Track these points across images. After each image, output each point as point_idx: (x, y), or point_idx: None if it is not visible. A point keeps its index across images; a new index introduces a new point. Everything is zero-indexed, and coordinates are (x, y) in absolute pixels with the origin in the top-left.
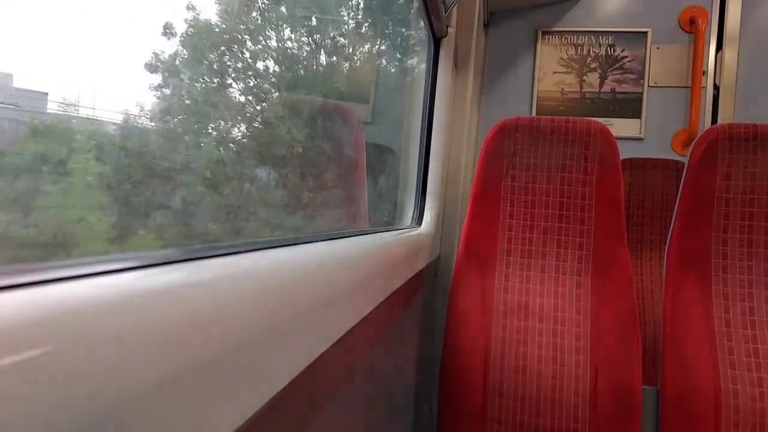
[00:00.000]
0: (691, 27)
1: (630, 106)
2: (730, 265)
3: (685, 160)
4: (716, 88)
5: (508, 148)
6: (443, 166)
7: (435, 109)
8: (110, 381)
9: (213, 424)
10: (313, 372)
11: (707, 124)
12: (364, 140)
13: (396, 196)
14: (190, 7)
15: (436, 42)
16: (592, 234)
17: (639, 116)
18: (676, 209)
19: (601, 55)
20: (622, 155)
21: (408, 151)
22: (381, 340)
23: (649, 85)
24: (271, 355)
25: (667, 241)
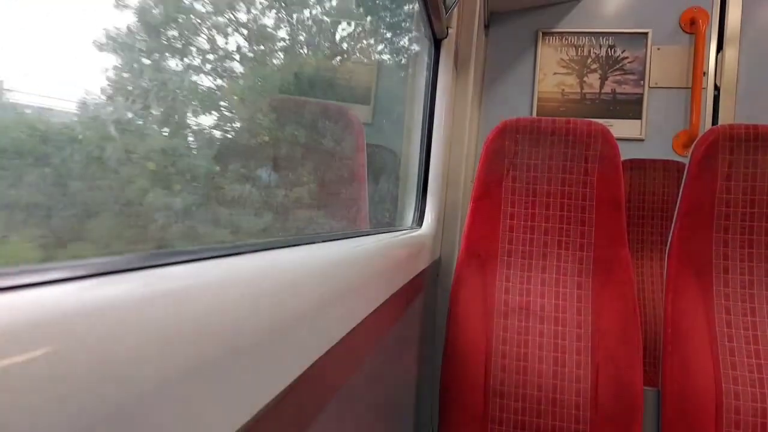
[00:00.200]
0: (692, 28)
1: (630, 107)
2: (731, 266)
3: (686, 161)
4: (717, 88)
5: (509, 149)
6: (444, 167)
7: (435, 110)
8: (111, 381)
9: (213, 425)
10: (314, 373)
11: (708, 125)
12: (365, 141)
13: (397, 197)
14: None
15: (437, 43)
16: (593, 235)
17: (639, 117)
18: (676, 210)
19: (602, 56)
20: (623, 156)
21: (408, 152)
22: (382, 342)
23: (649, 86)
24: (272, 356)
25: (668, 242)
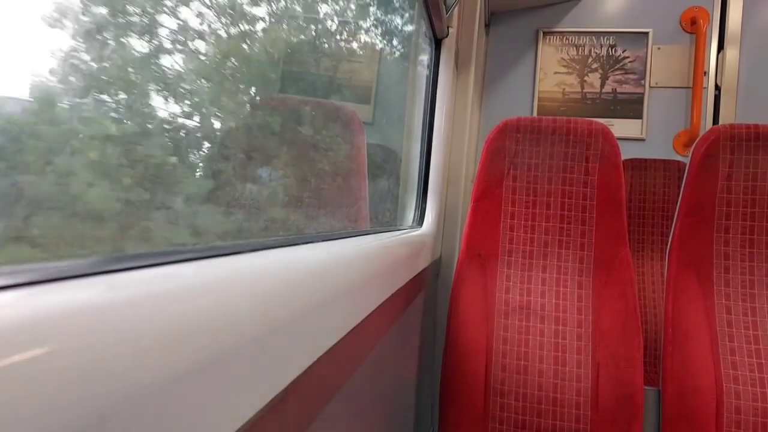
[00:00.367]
0: (693, 27)
1: (631, 107)
2: (732, 266)
3: (687, 160)
4: (717, 88)
5: (510, 149)
6: (444, 166)
7: (436, 110)
8: (111, 381)
9: (213, 425)
10: (314, 372)
11: (708, 125)
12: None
13: (397, 196)
14: None
15: (437, 42)
16: (594, 234)
17: (640, 117)
18: (677, 210)
19: (602, 56)
20: (624, 156)
21: (409, 152)
22: (382, 341)
23: (650, 86)
24: (272, 355)
25: (669, 242)
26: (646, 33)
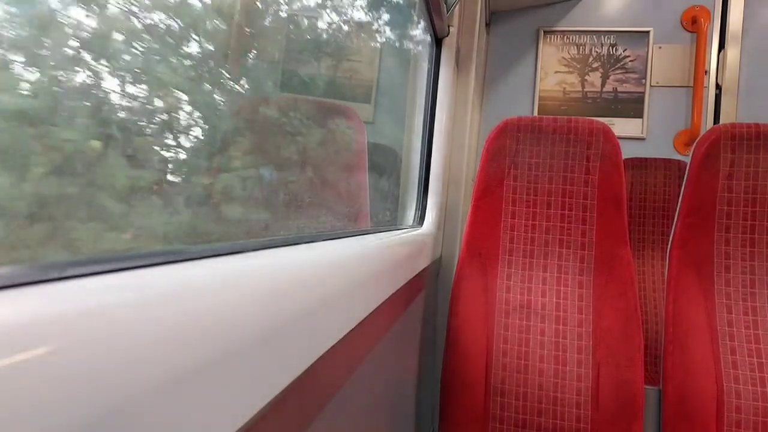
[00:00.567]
0: (693, 26)
1: (632, 106)
2: (733, 265)
3: (687, 159)
4: (718, 87)
5: (510, 148)
6: (445, 165)
7: (436, 109)
8: (111, 381)
9: (213, 425)
10: (314, 372)
11: (709, 124)
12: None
13: (398, 195)
14: None
15: (438, 41)
16: (594, 233)
17: (641, 116)
18: (678, 209)
19: (603, 55)
20: (624, 155)
21: (410, 151)
22: (382, 340)
23: (651, 85)
24: (271, 356)
25: (669, 241)
26: (647, 32)
